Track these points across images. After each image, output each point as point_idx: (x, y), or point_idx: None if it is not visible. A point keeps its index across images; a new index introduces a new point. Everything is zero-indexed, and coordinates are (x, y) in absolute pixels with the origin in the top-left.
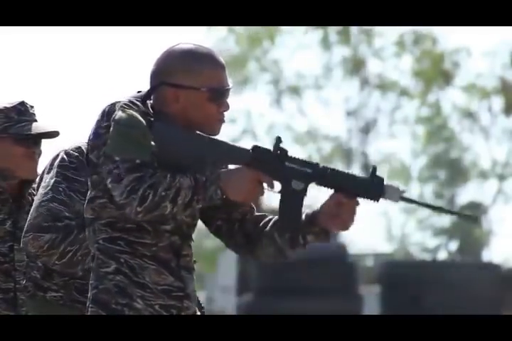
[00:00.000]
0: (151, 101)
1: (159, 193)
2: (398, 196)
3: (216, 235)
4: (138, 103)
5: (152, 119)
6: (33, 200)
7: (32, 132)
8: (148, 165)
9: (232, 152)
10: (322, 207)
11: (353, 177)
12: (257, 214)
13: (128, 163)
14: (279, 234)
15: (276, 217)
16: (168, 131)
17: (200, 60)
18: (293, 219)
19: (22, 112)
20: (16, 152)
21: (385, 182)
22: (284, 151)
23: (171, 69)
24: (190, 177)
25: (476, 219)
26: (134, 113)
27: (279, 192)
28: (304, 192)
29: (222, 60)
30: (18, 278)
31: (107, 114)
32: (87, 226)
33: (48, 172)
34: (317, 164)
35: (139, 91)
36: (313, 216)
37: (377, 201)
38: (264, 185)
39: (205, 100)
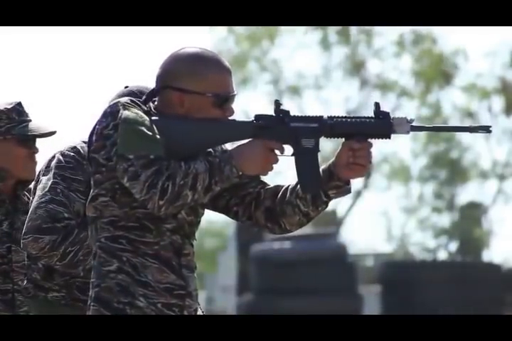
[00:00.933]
0: (155, 103)
1: (178, 183)
2: (408, 128)
3: (237, 220)
4: (139, 103)
5: (153, 118)
6: (27, 201)
7: (36, 133)
8: (163, 158)
9: (236, 127)
10: (336, 158)
11: (359, 121)
12: (270, 186)
13: (143, 159)
14: (300, 197)
15: (292, 184)
16: (169, 123)
17: (206, 64)
18: (313, 178)
19: (21, 113)
20: (19, 153)
21: (391, 118)
22: (286, 113)
23: (177, 74)
24: (204, 161)
25: (487, 128)
26: (138, 111)
27: (292, 154)
28: (316, 148)
29: (228, 64)
30: (16, 279)
31: (111, 114)
32: (89, 224)
33: (45, 175)
34: (321, 116)
35: (126, 87)
36: (330, 170)
37: (389, 138)
38: (277, 151)
39: (210, 105)
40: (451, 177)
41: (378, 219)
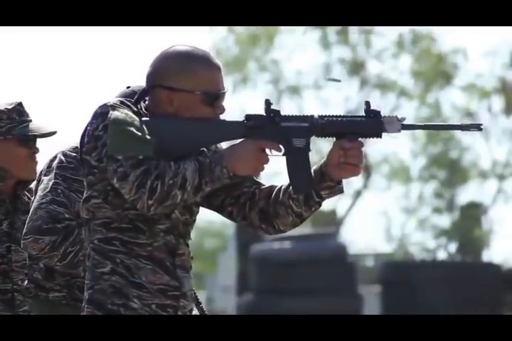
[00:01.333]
0: (146, 103)
1: (167, 182)
2: (399, 126)
3: (232, 220)
4: (129, 103)
5: (143, 118)
6: (28, 201)
7: (36, 133)
8: (152, 158)
9: (227, 128)
10: (328, 158)
11: (350, 120)
12: (265, 186)
13: (131, 160)
14: (292, 197)
15: (284, 185)
16: (159, 124)
17: (196, 62)
18: (304, 178)
19: (21, 113)
20: (20, 153)
21: (382, 117)
22: (277, 112)
23: (166, 72)
24: (194, 162)
25: (479, 126)
26: (128, 111)
27: (283, 154)
28: (307, 148)
29: (218, 62)
30: (16, 278)
31: (100, 115)
32: (83, 225)
33: (46, 175)
34: (312, 116)
35: (128, 87)
36: (322, 170)
37: (380, 137)
38: (267, 151)
39: (200, 103)
40: (450, 178)
41: (378, 219)
